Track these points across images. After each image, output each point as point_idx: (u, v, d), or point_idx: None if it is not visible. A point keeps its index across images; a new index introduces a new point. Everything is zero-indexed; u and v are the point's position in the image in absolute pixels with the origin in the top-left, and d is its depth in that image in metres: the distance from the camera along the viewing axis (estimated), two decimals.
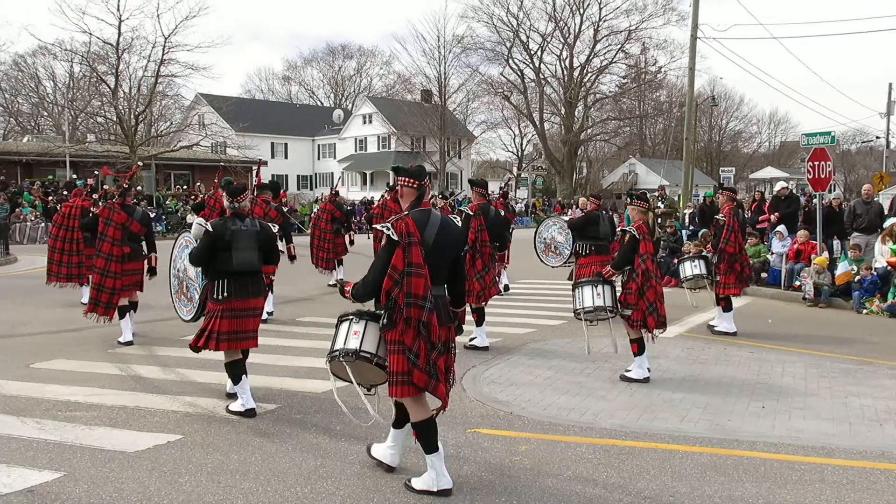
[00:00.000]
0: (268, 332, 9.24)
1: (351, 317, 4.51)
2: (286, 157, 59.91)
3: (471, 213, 8.51)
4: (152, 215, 18.55)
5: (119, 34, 34.70)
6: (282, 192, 13.85)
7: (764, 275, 13.83)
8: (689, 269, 9.94)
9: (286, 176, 57.63)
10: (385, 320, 4.27)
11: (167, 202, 32.93)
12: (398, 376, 4.27)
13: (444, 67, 51.49)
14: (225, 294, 5.81)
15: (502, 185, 14.59)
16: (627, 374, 7.09)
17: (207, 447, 5.14)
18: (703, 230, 16.41)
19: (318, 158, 63.73)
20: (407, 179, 4.48)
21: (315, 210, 19.60)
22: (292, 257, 10.49)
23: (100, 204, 9.85)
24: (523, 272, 12.29)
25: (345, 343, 4.47)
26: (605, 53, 53.77)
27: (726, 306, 9.76)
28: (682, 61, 48.77)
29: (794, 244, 13.58)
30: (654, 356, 8.11)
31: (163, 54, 35.71)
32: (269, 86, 79.00)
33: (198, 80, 72.19)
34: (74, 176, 32.58)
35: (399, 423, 4.68)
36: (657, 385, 6.92)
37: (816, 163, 13.48)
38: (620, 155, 68.81)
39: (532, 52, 53.25)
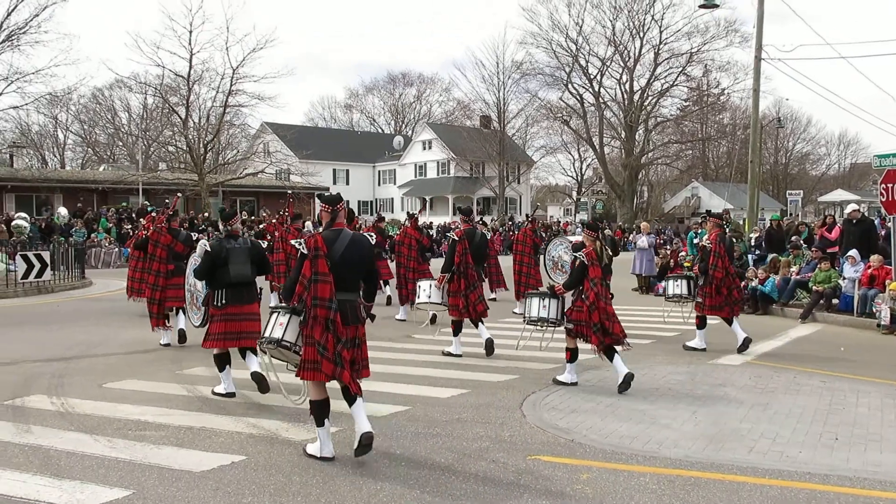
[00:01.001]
0: None
1: (279, 310, 5.55)
2: (347, 184, 60.96)
3: (456, 239, 9.33)
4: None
5: (190, 67, 36.11)
6: (355, 218, 14.41)
7: (835, 301, 13.32)
8: (672, 288, 11.02)
9: (347, 202, 58.15)
10: (303, 317, 5.27)
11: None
12: (308, 364, 5.22)
13: (503, 93, 51.85)
14: (223, 301, 6.93)
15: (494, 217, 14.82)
16: (559, 378, 7.86)
17: (270, 468, 5.22)
18: (773, 255, 15.97)
19: (379, 184, 64.65)
20: (323, 205, 5.56)
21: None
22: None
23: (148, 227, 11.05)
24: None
25: (270, 332, 5.51)
26: (665, 76, 53.21)
27: (700, 324, 10.15)
28: (746, 83, 47.78)
29: (868, 269, 13.06)
30: (720, 384, 7.92)
31: (231, 85, 36.97)
32: (332, 114, 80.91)
33: (263, 109, 74.75)
34: (146, 203, 33.81)
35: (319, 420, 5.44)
36: (724, 415, 6.72)
37: (890, 185, 12.97)
38: (682, 178, 67.62)
39: (591, 77, 53.06)
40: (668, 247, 22.97)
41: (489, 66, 52.69)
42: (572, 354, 7.81)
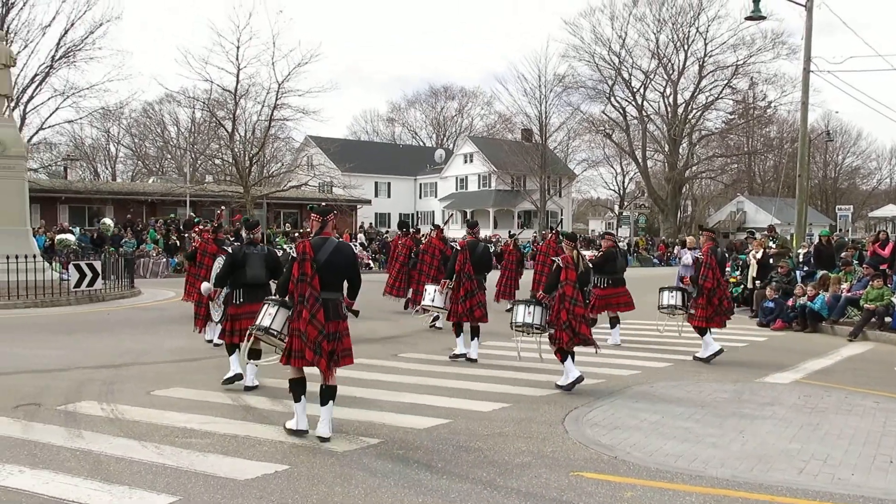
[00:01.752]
0: (370, 368, 9.45)
1: (270, 301, 6.47)
2: (389, 196, 61.40)
3: (458, 248, 10.24)
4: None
5: (237, 81, 36.79)
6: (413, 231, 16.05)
7: (888, 319, 12.94)
8: (666, 299, 11.06)
9: (389, 214, 58.97)
10: (291, 312, 6.12)
11: (276, 239, 34.31)
12: (293, 351, 6.01)
13: (544, 106, 51.72)
14: (241, 300, 7.89)
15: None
16: (559, 383, 8.15)
17: (313, 479, 5.26)
18: (823, 272, 15.60)
19: (420, 197, 64.96)
20: (315, 215, 6.54)
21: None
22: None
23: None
24: (629, 313, 12.03)
25: (260, 321, 6.42)
26: (710, 89, 52.66)
27: (701, 332, 10.37)
28: (794, 95, 47.06)
29: None
30: (769, 403, 7.74)
31: (276, 99, 37.55)
32: (374, 127, 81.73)
33: (307, 123, 75.50)
34: (192, 214, 34.53)
35: (297, 397, 6.23)
36: (772, 434, 6.57)
37: None
38: (727, 193, 66.59)
39: (634, 90, 52.74)
40: None
41: (531, 79, 52.51)
42: (562, 356, 8.20)
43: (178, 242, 29.49)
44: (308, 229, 14.84)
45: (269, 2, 68.21)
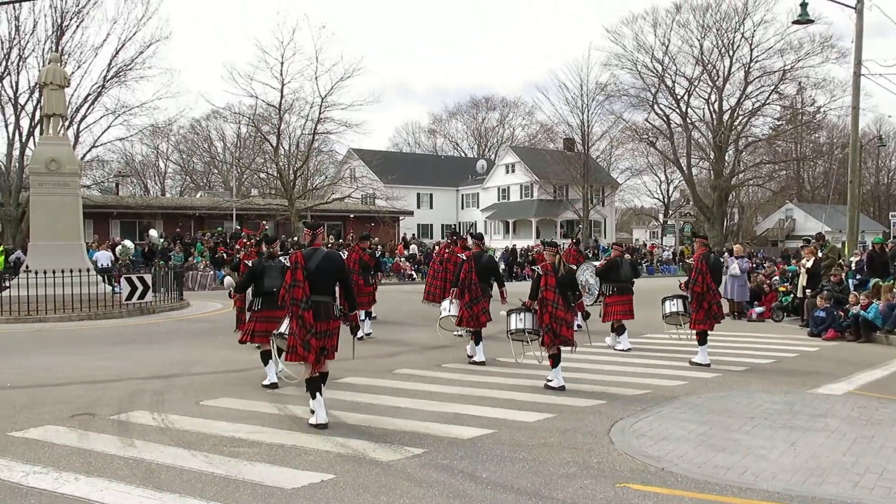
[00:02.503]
0: (413, 378, 9.49)
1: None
2: (431, 207, 61.66)
3: (464, 259, 11.09)
4: None
5: (281, 96, 37.47)
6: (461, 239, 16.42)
7: None
8: (668, 307, 11.61)
9: (431, 225, 59.24)
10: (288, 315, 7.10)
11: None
12: (290, 349, 6.99)
13: (586, 115, 51.35)
14: (259, 307, 8.82)
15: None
16: (549, 384, 8.77)
17: (358, 488, 5.30)
18: (876, 280, 15.17)
19: (462, 208, 65.09)
20: (306, 230, 7.62)
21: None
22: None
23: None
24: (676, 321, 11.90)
25: (279, 329, 7.87)
26: (757, 95, 51.63)
27: (701, 340, 10.65)
28: (844, 100, 45.95)
29: None
30: (821, 415, 7.55)
31: (319, 113, 38.13)
32: (416, 139, 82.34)
33: (350, 135, 76.38)
34: (238, 227, 35.16)
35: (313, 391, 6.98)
36: (825, 447, 6.40)
37: None
38: (776, 200, 65.20)
39: (678, 97, 52.04)
40: (761, 270, 22.12)
41: (573, 88, 52.14)
42: (554, 360, 8.78)
43: (224, 255, 30.04)
44: (342, 240, 15.79)
45: (312, 18, 69.46)
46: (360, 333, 10.65)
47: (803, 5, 19.86)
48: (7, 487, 5.27)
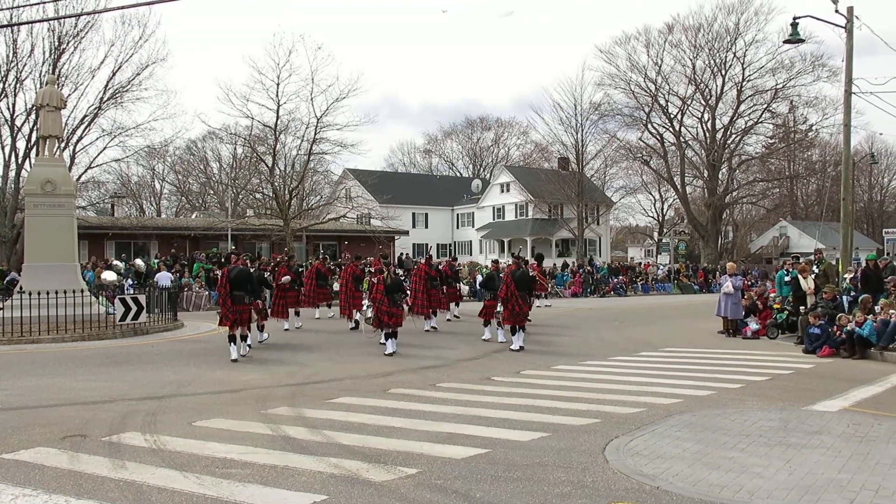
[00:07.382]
0: (408, 398, 9.45)
1: None
2: (426, 227, 61.71)
3: (504, 273, 15.13)
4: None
5: (277, 117, 37.52)
6: (428, 257, 20.83)
7: None
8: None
9: (426, 245, 59.18)
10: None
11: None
12: (222, 318, 13.47)
13: (581, 135, 51.67)
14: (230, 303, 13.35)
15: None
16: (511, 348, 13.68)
17: None
18: (865, 295, 15.20)
19: (458, 227, 65.19)
20: (233, 255, 13.81)
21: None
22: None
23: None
24: (672, 339, 11.88)
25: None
26: (749, 114, 52.08)
27: (512, 331, 14.70)
28: (836, 118, 46.25)
29: None
30: (817, 432, 7.54)
31: (315, 134, 38.17)
32: (411, 159, 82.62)
33: (346, 156, 76.58)
34: (233, 247, 35.08)
35: None
36: (820, 464, 6.38)
37: None
38: (770, 218, 65.49)
39: (672, 116, 52.46)
40: (755, 288, 22.14)
41: (566, 107, 52.41)
42: (513, 330, 13.62)
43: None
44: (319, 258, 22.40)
45: (307, 39, 69.84)
46: (355, 324, 17.96)
47: (794, 25, 20.04)
48: None
